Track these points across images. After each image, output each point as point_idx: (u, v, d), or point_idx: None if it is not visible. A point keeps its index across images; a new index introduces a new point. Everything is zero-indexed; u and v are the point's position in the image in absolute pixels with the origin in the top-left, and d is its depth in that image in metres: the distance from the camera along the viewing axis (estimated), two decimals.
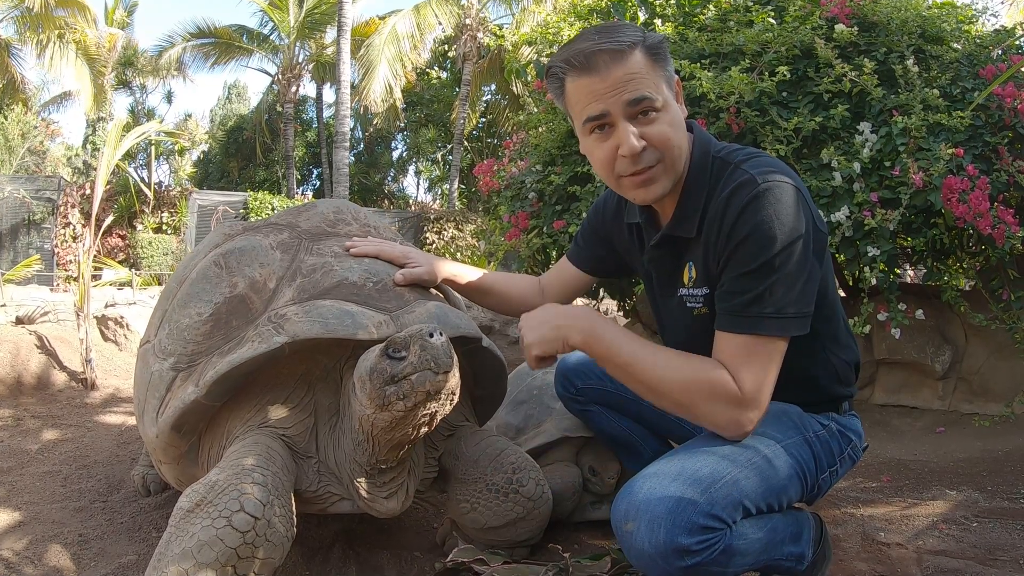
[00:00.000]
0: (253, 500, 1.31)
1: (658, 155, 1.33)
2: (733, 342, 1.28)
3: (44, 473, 2.60)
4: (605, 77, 1.29)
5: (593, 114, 1.32)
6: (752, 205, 1.27)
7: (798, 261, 1.26)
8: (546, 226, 3.81)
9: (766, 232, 1.25)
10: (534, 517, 1.72)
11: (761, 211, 1.26)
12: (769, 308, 1.26)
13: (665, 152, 1.33)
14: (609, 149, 1.34)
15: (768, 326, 1.26)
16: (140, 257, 13.19)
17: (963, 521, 2.12)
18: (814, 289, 1.32)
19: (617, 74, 1.29)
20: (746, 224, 1.27)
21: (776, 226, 1.25)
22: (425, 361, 1.28)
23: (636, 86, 1.29)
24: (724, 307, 1.31)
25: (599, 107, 1.31)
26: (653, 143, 1.32)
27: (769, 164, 1.34)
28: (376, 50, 17.24)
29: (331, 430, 1.59)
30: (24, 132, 19.00)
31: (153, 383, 1.67)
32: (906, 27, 3.35)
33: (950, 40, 3.43)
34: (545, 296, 1.85)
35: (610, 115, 1.31)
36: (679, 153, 1.36)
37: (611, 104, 1.30)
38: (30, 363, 3.84)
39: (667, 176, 1.36)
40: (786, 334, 1.28)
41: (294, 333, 1.49)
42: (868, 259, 2.87)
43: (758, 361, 1.26)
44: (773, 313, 1.26)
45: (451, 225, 16.44)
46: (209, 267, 1.72)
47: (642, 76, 1.30)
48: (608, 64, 1.29)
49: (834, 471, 1.46)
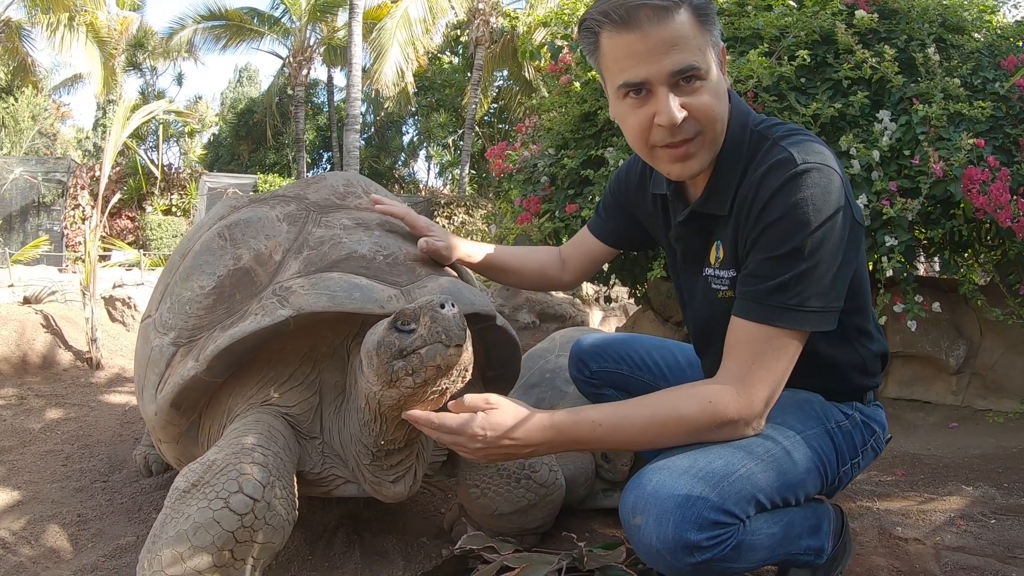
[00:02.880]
0: (252, 481, 1.25)
1: (698, 127, 1.22)
2: (748, 331, 1.22)
3: (45, 452, 2.59)
4: (647, 36, 1.16)
5: (632, 80, 1.20)
6: (788, 186, 1.18)
7: (830, 251, 1.18)
8: (558, 210, 3.76)
9: (800, 216, 1.17)
10: (546, 504, 1.67)
11: (797, 193, 1.17)
12: (792, 299, 1.18)
13: (706, 125, 1.23)
14: (644, 117, 1.22)
15: (788, 318, 1.19)
16: (149, 239, 13.24)
17: (981, 518, 2.07)
18: (844, 284, 1.24)
19: (661, 35, 1.16)
20: (779, 205, 1.19)
21: (811, 210, 1.17)
22: (436, 333, 1.19)
23: (682, 52, 1.17)
24: (745, 291, 1.24)
25: (639, 73, 1.18)
26: (695, 115, 1.21)
27: (811, 144, 1.23)
28: (388, 33, 17.14)
29: (336, 410, 1.53)
30: (34, 114, 19.03)
31: (153, 358, 1.61)
32: (927, 15, 3.28)
33: (971, 30, 3.37)
34: (566, 268, 1.78)
35: (650, 82, 1.19)
36: (721, 127, 1.26)
37: (653, 71, 1.18)
38: (35, 342, 3.84)
39: (707, 151, 1.26)
40: (806, 328, 1.21)
41: (300, 306, 1.41)
42: (885, 249, 2.81)
43: (771, 355, 1.20)
44: (796, 305, 1.18)
45: (461, 210, 16.42)
46: (213, 239, 1.65)
47: (688, 40, 1.17)
48: (652, 21, 1.16)
49: (856, 463, 1.40)
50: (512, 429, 1.19)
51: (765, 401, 1.21)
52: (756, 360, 1.20)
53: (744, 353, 1.21)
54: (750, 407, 1.20)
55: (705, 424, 1.20)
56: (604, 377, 1.84)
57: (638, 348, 1.83)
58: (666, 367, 1.79)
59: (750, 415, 1.20)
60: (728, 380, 1.22)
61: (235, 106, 26.52)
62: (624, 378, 1.83)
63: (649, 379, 1.79)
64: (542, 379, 2.21)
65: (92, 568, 1.72)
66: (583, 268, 1.78)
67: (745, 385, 1.20)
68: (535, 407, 2.13)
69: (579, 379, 1.92)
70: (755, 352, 1.20)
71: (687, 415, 1.20)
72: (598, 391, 1.90)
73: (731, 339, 1.25)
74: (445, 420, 1.20)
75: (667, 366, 1.79)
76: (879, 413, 1.47)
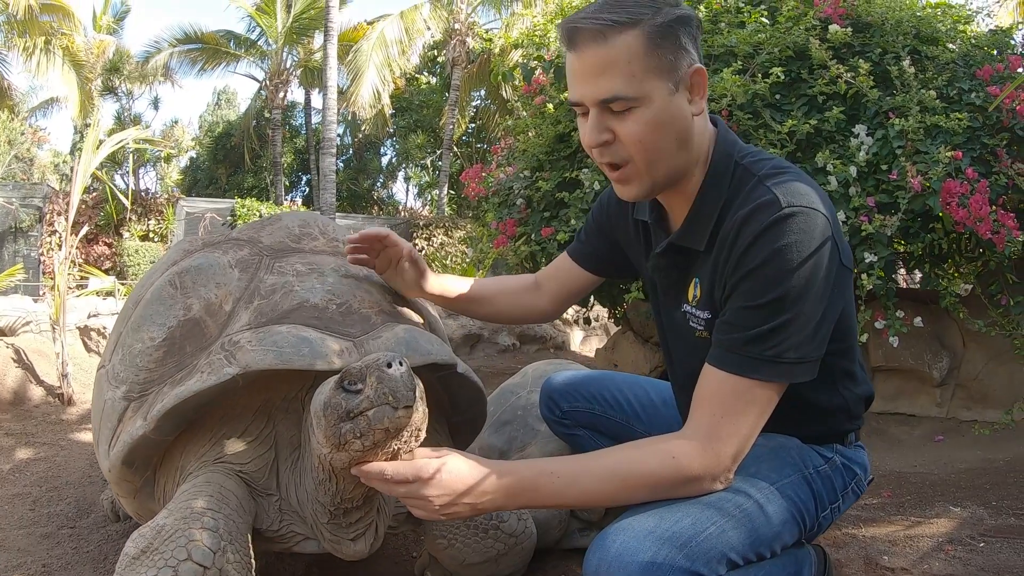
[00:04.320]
0: (202, 548, 1.20)
1: (626, 155, 1.18)
2: (720, 382, 1.15)
3: (13, 495, 2.51)
4: (582, 58, 1.15)
5: (572, 99, 1.20)
6: (770, 231, 1.11)
7: (813, 300, 1.12)
8: (534, 233, 3.71)
9: (781, 264, 1.10)
10: (516, 553, 1.61)
11: (779, 239, 1.10)
12: (770, 350, 1.12)
13: (635, 153, 1.17)
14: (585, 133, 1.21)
15: (764, 370, 1.12)
16: (127, 265, 13.04)
17: (969, 541, 2.03)
18: (827, 331, 1.18)
19: (593, 59, 1.13)
20: (761, 251, 1.12)
21: (794, 259, 1.09)
22: (383, 395, 1.12)
23: (612, 79, 1.12)
24: (720, 339, 1.17)
25: (575, 93, 1.18)
26: (621, 139, 1.17)
27: (798, 184, 1.16)
28: (364, 55, 17.14)
29: (293, 465, 1.46)
30: (11, 139, 18.77)
31: (106, 412, 1.55)
32: (901, 27, 3.30)
33: (945, 40, 3.39)
34: (540, 294, 1.68)
35: (584, 104, 1.18)
36: (658, 156, 1.18)
37: (584, 93, 1.16)
38: (6, 378, 3.75)
39: (644, 178, 1.20)
40: (783, 380, 1.15)
41: (246, 363, 1.36)
42: (865, 265, 2.80)
43: (742, 409, 1.13)
44: (773, 356, 1.12)
45: (440, 231, 16.36)
46: (164, 287, 1.59)
47: (623, 66, 1.12)
48: (588, 43, 1.13)
49: (836, 507, 1.33)
50: (466, 492, 1.12)
51: (733, 457, 1.15)
52: (726, 414, 1.13)
53: (714, 406, 1.15)
54: (716, 463, 1.14)
55: (669, 481, 1.13)
56: (576, 417, 1.78)
57: (610, 386, 1.77)
58: (639, 406, 1.73)
59: (717, 471, 1.14)
60: (694, 435, 1.15)
61: (213, 129, 26.38)
62: (596, 417, 1.76)
63: (622, 418, 1.73)
64: (514, 416, 2.14)
65: None
66: (561, 296, 1.68)
67: (712, 440, 1.13)
68: (507, 446, 2.10)
69: (550, 419, 1.86)
70: (725, 405, 1.14)
71: (649, 471, 1.13)
72: (570, 431, 1.83)
73: (701, 389, 1.18)
74: (399, 469, 1.13)
75: (640, 405, 1.73)
76: (861, 455, 1.41)
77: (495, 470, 1.14)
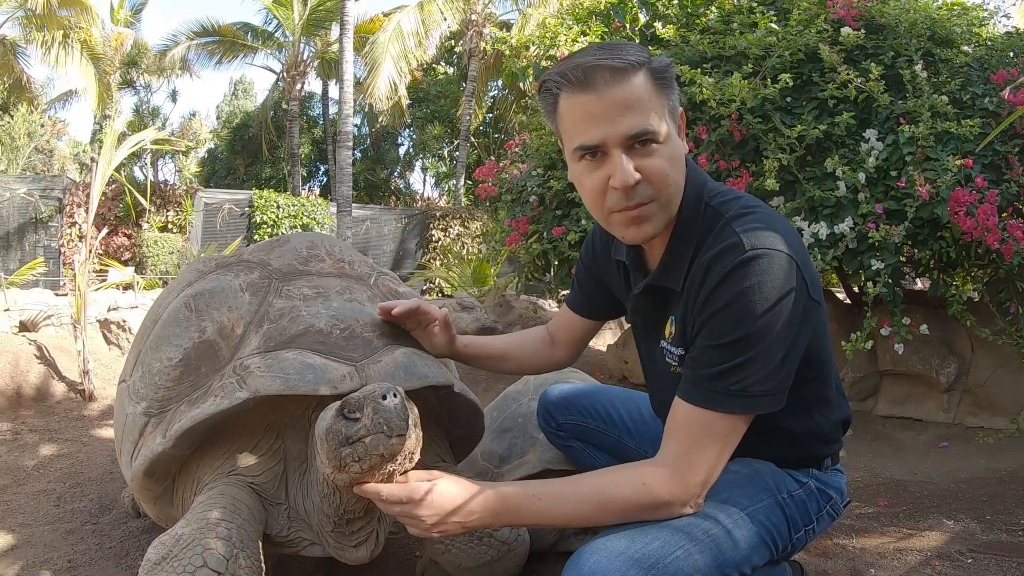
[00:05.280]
0: (216, 556, 1.33)
1: (653, 192, 1.21)
2: (688, 414, 1.20)
3: (39, 492, 2.61)
4: (603, 98, 1.16)
5: (588, 143, 1.19)
6: (735, 274, 1.16)
7: (777, 338, 1.16)
8: (546, 231, 3.75)
9: (745, 306, 1.15)
10: (510, 559, 1.71)
11: (743, 281, 1.15)
12: (735, 385, 1.16)
13: (661, 189, 1.21)
14: (600, 179, 1.21)
15: (730, 404, 1.17)
16: (146, 256, 13.20)
17: (958, 557, 2.05)
18: (793, 364, 1.22)
19: (616, 97, 1.16)
20: (725, 294, 1.17)
21: (757, 300, 1.15)
22: (378, 424, 1.23)
23: (637, 115, 1.16)
24: (689, 374, 1.23)
25: (596, 135, 1.18)
26: (649, 178, 1.19)
27: (764, 225, 1.20)
28: (381, 47, 17.15)
29: (301, 477, 1.57)
30: (31, 131, 19.04)
31: (128, 426, 1.67)
32: (915, 29, 3.26)
33: (960, 43, 3.34)
34: (556, 346, 1.76)
35: (605, 145, 1.18)
36: (676, 191, 1.24)
37: (608, 133, 1.17)
38: (29, 374, 3.84)
39: (661, 215, 1.24)
40: (749, 412, 1.20)
41: (256, 388, 1.48)
42: (872, 272, 2.80)
43: (709, 440, 1.19)
44: (738, 391, 1.17)
45: (457, 222, 16.39)
46: (180, 309, 1.70)
47: (644, 103, 1.17)
48: (608, 83, 1.16)
49: (810, 529, 1.38)
50: (454, 512, 1.20)
51: (701, 484, 1.20)
52: (693, 444, 1.19)
53: (682, 436, 1.20)
54: (684, 490, 1.19)
55: (640, 506, 1.19)
56: (570, 430, 1.84)
57: (604, 401, 1.82)
58: (631, 421, 1.78)
59: (685, 498, 1.19)
60: (664, 463, 1.21)
61: (230, 120, 26.53)
62: (590, 431, 1.82)
63: (614, 433, 1.79)
64: (514, 424, 2.21)
65: None
66: (572, 344, 1.75)
67: (680, 469, 1.19)
68: (507, 452, 2.18)
69: (547, 430, 1.93)
70: (693, 436, 1.19)
71: (623, 497, 1.19)
72: (565, 443, 1.90)
73: (671, 420, 1.23)
74: (392, 491, 1.22)
75: (632, 420, 1.78)
76: (838, 479, 1.44)
77: (482, 492, 1.21)
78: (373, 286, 1.85)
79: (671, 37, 3.75)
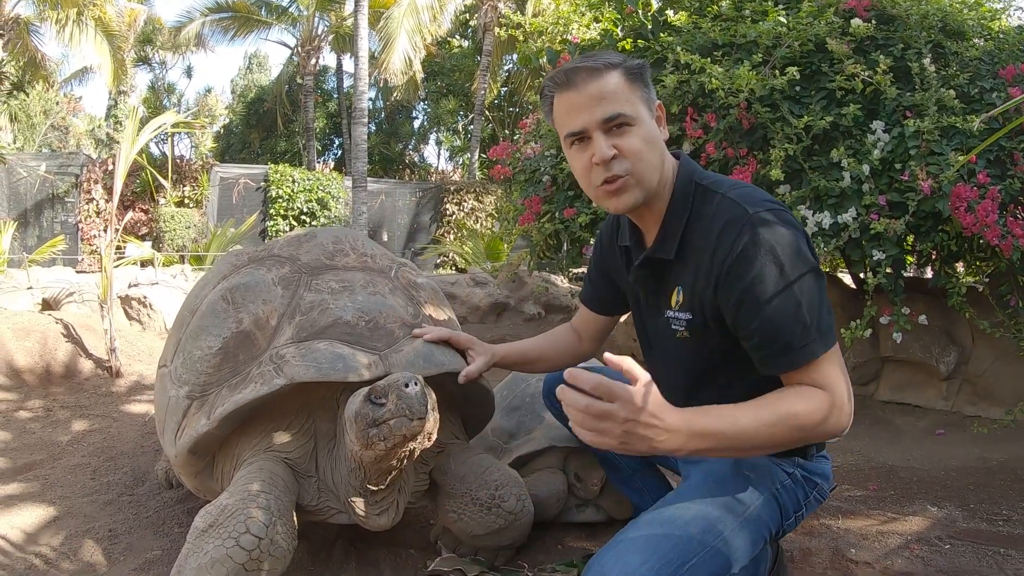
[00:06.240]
0: (258, 523, 1.49)
1: (628, 166, 1.39)
2: (799, 377, 1.30)
3: (75, 466, 2.74)
4: (582, 92, 1.39)
5: (573, 130, 1.42)
6: (751, 240, 1.30)
7: (813, 280, 1.29)
8: (558, 212, 3.83)
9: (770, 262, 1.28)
10: (516, 528, 1.87)
11: (762, 243, 1.29)
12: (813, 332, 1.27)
13: (635, 163, 1.39)
14: (586, 159, 1.42)
15: (816, 348, 1.27)
16: (163, 231, 13.36)
17: (936, 542, 2.13)
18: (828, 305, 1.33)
19: (593, 91, 1.38)
20: (749, 262, 1.29)
21: (780, 253, 1.28)
22: (401, 409, 1.43)
23: (611, 103, 1.38)
24: (774, 349, 1.30)
25: (578, 122, 1.41)
26: (624, 154, 1.39)
27: (756, 191, 1.39)
28: (395, 22, 17.07)
29: (329, 453, 1.75)
30: (46, 109, 19.19)
31: (171, 408, 1.84)
32: (926, 21, 3.27)
33: (972, 35, 3.34)
34: (582, 342, 1.90)
35: (587, 130, 1.40)
36: (649, 167, 1.41)
37: (587, 119, 1.39)
38: (58, 352, 3.99)
39: (638, 187, 1.41)
40: (834, 343, 1.30)
41: (292, 375, 1.64)
42: (873, 262, 2.87)
43: (831, 375, 1.28)
44: (817, 336, 1.27)
45: (471, 196, 16.42)
46: (217, 301, 1.87)
47: (617, 94, 1.39)
48: (586, 80, 1.39)
49: (799, 515, 1.48)
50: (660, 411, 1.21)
51: (849, 398, 1.30)
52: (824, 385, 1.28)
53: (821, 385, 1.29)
54: (840, 403, 1.28)
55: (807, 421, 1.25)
56: None
57: None
58: None
59: (842, 407, 1.28)
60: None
61: (245, 94, 26.58)
62: None
63: None
64: (523, 403, 2.36)
65: None
66: (595, 337, 1.90)
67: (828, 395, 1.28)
68: (516, 429, 2.33)
69: (554, 410, 2.06)
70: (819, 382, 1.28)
71: (792, 408, 1.26)
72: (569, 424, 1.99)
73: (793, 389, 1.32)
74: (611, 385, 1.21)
75: None
76: (822, 465, 1.52)
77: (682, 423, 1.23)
78: (394, 278, 2.03)
79: (683, 24, 3.78)
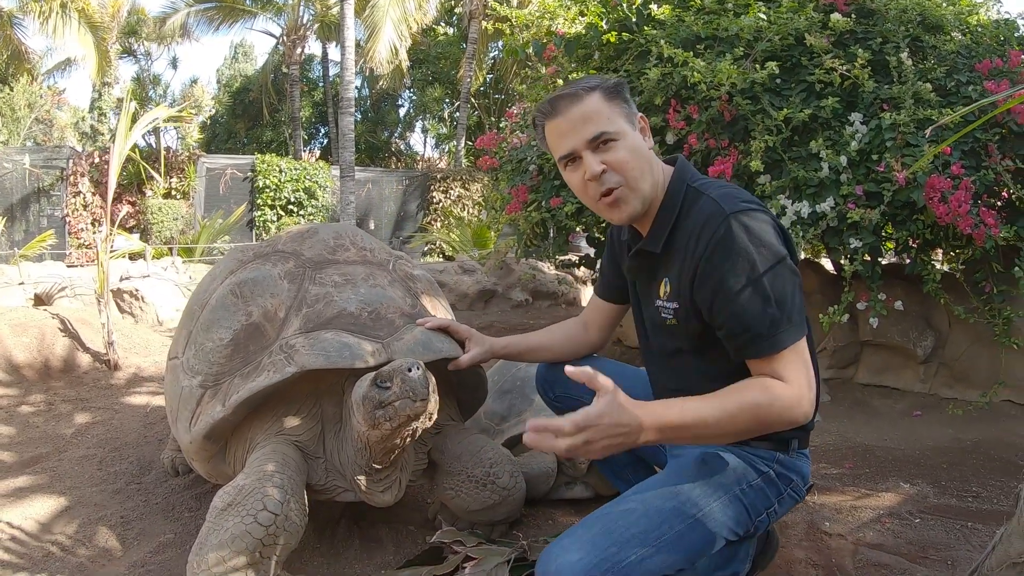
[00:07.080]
0: (274, 500, 1.61)
1: (619, 178, 1.49)
2: (765, 366, 1.38)
3: (81, 457, 2.81)
4: (567, 117, 1.50)
5: (564, 153, 1.52)
6: (725, 237, 1.39)
7: (784, 274, 1.38)
8: (544, 200, 3.88)
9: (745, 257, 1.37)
10: (509, 503, 2.01)
11: (735, 240, 1.38)
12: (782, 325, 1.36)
13: (625, 174, 1.49)
14: (580, 177, 1.53)
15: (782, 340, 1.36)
16: (151, 223, 13.30)
17: (907, 516, 2.23)
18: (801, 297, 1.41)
19: (576, 115, 1.50)
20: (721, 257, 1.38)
21: (753, 249, 1.37)
22: (406, 391, 1.57)
23: (594, 124, 1.49)
24: (744, 340, 1.39)
25: (567, 145, 1.51)
26: (613, 167, 1.49)
27: (739, 192, 1.48)
28: (381, 11, 17.01)
29: (336, 435, 1.88)
30: (30, 102, 19.01)
31: (184, 397, 1.95)
32: (905, 15, 3.34)
33: (950, 29, 3.39)
34: (589, 331, 1.98)
35: (576, 151, 1.50)
36: (640, 175, 1.50)
37: (574, 142, 1.50)
38: (55, 346, 4.03)
39: (634, 196, 1.51)
40: (802, 336, 1.39)
41: (302, 364, 1.76)
42: (850, 250, 2.97)
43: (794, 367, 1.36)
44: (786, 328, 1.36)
45: (458, 184, 16.45)
46: (226, 295, 1.99)
47: (598, 114, 1.49)
48: (568, 106, 1.51)
49: (772, 511, 1.52)
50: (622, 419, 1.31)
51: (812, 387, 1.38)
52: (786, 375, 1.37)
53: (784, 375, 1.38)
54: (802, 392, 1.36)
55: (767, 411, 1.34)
56: (566, 402, 1.98)
57: None
58: None
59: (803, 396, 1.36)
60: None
61: (231, 84, 26.38)
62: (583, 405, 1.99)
63: None
64: (513, 386, 2.50)
65: (142, 564, 1.98)
66: (604, 327, 1.98)
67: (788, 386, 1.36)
68: (506, 412, 2.47)
69: (546, 399, 2.11)
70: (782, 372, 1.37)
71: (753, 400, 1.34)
72: (561, 412, 2.07)
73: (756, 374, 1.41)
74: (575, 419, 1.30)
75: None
76: (800, 463, 1.58)
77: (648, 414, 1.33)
78: (392, 271, 2.16)
79: (666, 17, 3.83)
